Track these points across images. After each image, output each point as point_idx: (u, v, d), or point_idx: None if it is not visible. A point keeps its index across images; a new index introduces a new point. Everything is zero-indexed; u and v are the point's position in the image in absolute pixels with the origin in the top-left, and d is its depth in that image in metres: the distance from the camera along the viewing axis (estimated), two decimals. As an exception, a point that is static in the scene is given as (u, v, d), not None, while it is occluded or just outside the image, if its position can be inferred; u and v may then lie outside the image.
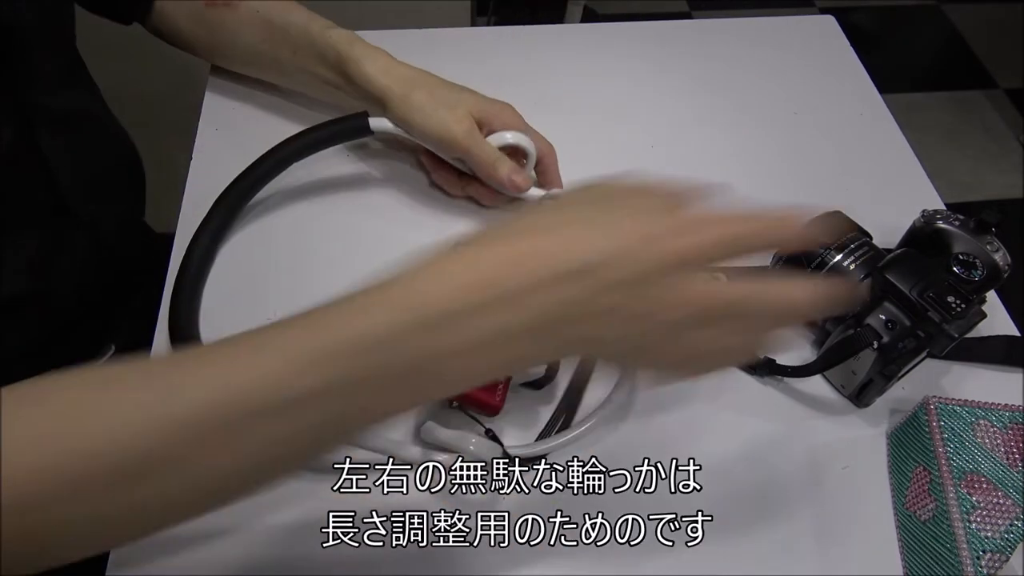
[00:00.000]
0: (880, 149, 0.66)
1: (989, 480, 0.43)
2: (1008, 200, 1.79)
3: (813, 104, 0.69)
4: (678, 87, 0.70)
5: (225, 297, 0.53)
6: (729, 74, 0.71)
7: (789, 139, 0.66)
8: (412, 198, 0.60)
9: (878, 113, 0.69)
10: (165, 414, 0.28)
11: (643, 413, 0.49)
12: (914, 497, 0.45)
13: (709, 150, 0.65)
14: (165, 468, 0.28)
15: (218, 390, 0.29)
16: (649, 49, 0.73)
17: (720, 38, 0.75)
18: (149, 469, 0.28)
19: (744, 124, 0.67)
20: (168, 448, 0.28)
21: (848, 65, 0.73)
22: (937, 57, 2.19)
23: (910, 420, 0.48)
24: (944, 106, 2.01)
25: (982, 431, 0.45)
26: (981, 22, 2.22)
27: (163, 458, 0.28)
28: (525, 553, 0.44)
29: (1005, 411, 0.46)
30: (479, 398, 0.46)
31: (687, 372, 0.37)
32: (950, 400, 0.46)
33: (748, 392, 0.51)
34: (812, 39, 0.76)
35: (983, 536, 0.41)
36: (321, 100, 0.64)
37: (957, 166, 1.87)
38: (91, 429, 0.28)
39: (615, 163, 0.63)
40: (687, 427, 0.49)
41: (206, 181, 0.59)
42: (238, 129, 0.63)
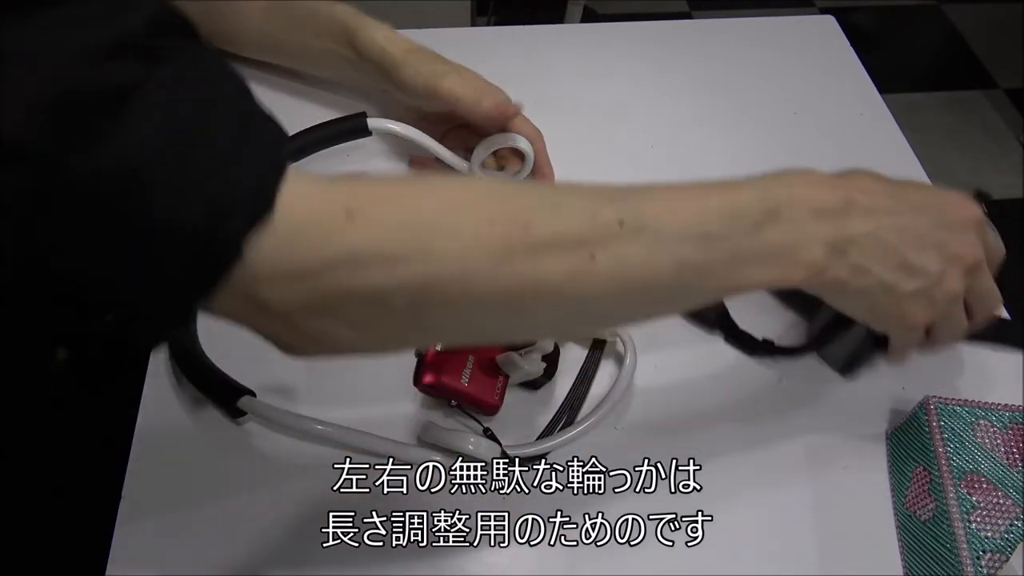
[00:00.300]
0: (880, 149, 0.66)
1: (989, 480, 0.43)
2: (1008, 200, 1.79)
3: (813, 104, 0.69)
4: (678, 87, 0.70)
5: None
6: (729, 74, 0.71)
7: (789, 139, 0.66)
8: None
9: (878, 113, 0.69)
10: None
11: (643, 413, 0.49)
12: (914, 497, 0.45)
13: (709, 150, 0.65)
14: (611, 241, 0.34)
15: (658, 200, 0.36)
16: (649, 49, 0.73)
17: (720, 38, 0.75)
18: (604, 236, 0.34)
19: (744, 124, 0.67)
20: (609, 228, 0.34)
21: (848, 65, 0.73)
22: (937, 57, 2.19)
23: (910, 420, 0.48)
24: (944, 106, 2.01)
25: (982, 431, 0.45)
26: (981, 22, 2.22)
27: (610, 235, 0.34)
28: (525, 553, 0.44)
29: (1005, 411, 0.46)
30: (478, 398, 0.46)
31: (916, 338, 0.44)
32: (950, 400, 0.46)
33: (748, 392, 0.51)
34: (812, 39, 0.76)
35: (983, 536, 0.41)
36: (321, 90, 0.64)
37: (957, 166, 1.87)
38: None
39: (615, 163, 0.63)
40: (687, 427, 0.49)
41: (206, 181, 0.58)
42: (238, 129, 0.63)
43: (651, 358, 0.52)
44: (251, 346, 0.51)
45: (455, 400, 0.47)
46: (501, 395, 0.47)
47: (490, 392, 0.47)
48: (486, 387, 0.47)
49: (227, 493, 0.45)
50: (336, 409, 0.48)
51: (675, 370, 0.52)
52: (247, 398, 0.45)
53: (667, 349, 0.52)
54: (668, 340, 0.53)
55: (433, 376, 0.45)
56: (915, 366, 0.53)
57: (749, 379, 0.52)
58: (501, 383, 0.47)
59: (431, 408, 0.48)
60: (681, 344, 0.53)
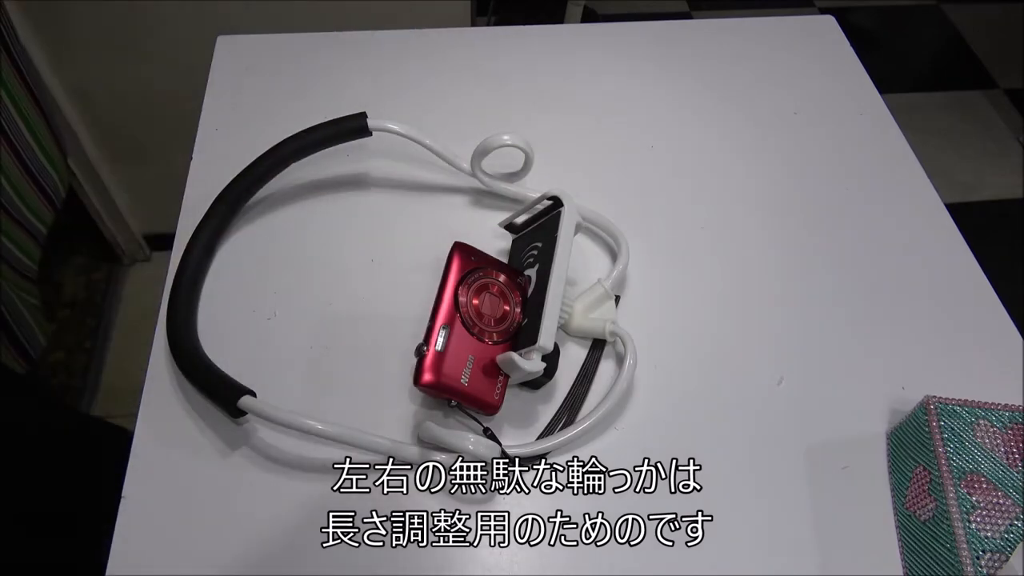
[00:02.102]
0: (880, 149, 0.67)
1: (989, 480, 0.43)
2: (1008, 200, 1.79)
3: (813, 104, 0.69)
4: (678, 87, 0.70)
5: (224, 296, 0.53)
6: (729, 74, 0.71)
7: (789, 139, 0.66)
8: (411, 198, 0.60)
9: (878, 113, 0.69)
10: None
11: (643, 413, 0.49)
12: (914, 497, 0.45)
13: (709, 150, 0.65)
14: None
15: None
16: (649, 49, 0.73)
17: (720, 38, 0.75)
18: None
19: (744, 124, 0.67)
20: None
21: (848, 65, 0.73)
22: (937, 57, 2.19)
23: (910, 420, 0.48)
24: (944, 106, 2.01)
25: (982, 431, 0.45)
26: (981, 22, 2.22)
27: None
28: (525, 553, 0.44)
29: (1005, 411, 0.46)
30: (478, 397, 0.46)
31: None
32: (950, 400, 0.46)
33: (748, 392, 0.51)
34: (812, 39, 0.76)
35: (983, 536, 0.41)
36: (322, 90, 0.64)
37: (957, 166, 1.87)
38: None
39: (615, 163, 0.63)
40: (687, 427, 0.49)
41: (206, 181, 0.59)
42: (238, 129, 0.63)
43: (651, 358, 0.52)
44: (251, 346, 0.51)
45: (455, 400, 0.47)
46: (501, 395, 0.47)
47: (490, 392, 0.47)
48: (486, 387, 0.47)
49: (227, 493, 0.45)
50: (336, 409, 0.48)
51: (675, 370, 0.52)
52: (247, 398, 0.45)
53: (667, 348, 0.52)
54: (668, 339, 0.53)
55: (433, 376, 0.45)
56: (915, 366, 0.53)
57: (749, 379, 0.52)
58: (501, 383, 0.47)
59: (431, 408, 0.48)
60: (681, 343, 0.53)
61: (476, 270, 0.50)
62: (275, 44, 0.69)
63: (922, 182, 0.64)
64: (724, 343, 0.53)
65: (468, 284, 0.49)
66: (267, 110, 0.64)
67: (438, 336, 0.46)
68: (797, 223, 0.60)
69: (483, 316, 0.49)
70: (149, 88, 1.18)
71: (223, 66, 0.67)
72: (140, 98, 1.21)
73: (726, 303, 0.55)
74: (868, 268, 0.58)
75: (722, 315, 0.55)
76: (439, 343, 0.46)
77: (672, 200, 0.61)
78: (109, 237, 1.45)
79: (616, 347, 0.52)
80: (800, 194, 0.62)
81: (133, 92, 1.19)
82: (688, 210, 0.60)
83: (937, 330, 0.55)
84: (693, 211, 0.60)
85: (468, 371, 0.46)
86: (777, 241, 0.59)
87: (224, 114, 0.64)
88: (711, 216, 0.60)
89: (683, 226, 0.59)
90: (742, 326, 0.54)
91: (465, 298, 0.48)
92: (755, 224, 0.60)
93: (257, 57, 0.68)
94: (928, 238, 0.60)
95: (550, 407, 0.49)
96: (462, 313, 0.48)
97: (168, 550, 0.43)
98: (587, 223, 0.56)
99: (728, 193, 0.62)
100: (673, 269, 0.57)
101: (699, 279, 0.56)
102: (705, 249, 0.58)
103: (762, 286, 0.56)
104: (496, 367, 0.47)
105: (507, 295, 0.50)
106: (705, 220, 0.60)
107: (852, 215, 0.61)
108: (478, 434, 0.45)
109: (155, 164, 1.30)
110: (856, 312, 0.56)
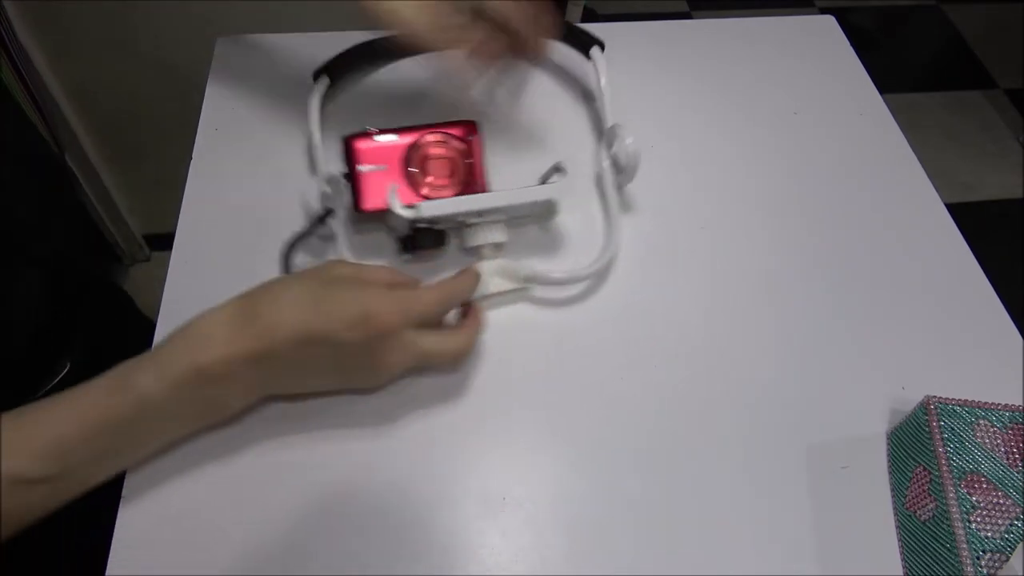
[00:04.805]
0: (880, 149, 0.67)
1: (989, 480, 0.43)
2: (1008, 200, 1.79)
3: (813, 104, 0.69)
4: (678, 87, 0.70)
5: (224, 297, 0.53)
6: (729, 74, 0.71)
7: (789, 139, 0.66)
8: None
9: (878, 113, 0.69)
10: None
11: (643, 412, 0.49)
12: (914, 497, 0.45)
13: (709, 150, 0.65)
14: None
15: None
16: (649, 49, 0.73)
17: (720, 38, 0.75)
18: None
19: (744, 124, 0.67)
20: None
21: (848, 65, 0.73)
22: (937, 57, 2.19)
23: (910, 420, 0.48)
24: (944, 106, 2.01)
25: (982, 431, 0.45)
26: (981, 22, 2.22)
27: None
28: (525, 553, 0.44)
29: (1005, 411, 0.46)
30: (362, 189, 0.53)
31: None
32: (950, 400, 0.46)
33: (747, 392, 0.51)
34: (812, 39, 0.76)
35: (983, 536, 0.41)
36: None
37: (957, 166, 1.87)
38: None
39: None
40: (687, 427, 0.49)
41: (206, 181, 0.59)
42: (238, 129, 0.63)
43: (651, 357, 0.52)
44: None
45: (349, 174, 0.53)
46: (375, 205, 0.52)
47: (374, 198, 0.53)
48: (374, 193, 0.53)
49: (227, 493, 0.45)
50: (336, 404, 0.48)
51: (675, 369, 0.52)
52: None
53: (667, 348, 0.52)
54: (668, 339, 0.53)
55: (359, 157, 0.52)
56: (915, 366, 0.53)
57: (749, 378, 0.52)
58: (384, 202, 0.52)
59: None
60: (680, 343, 0.53)
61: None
62: (275, 45, 0.69)
63: (922, 182, 0.64)
64: (724, 343, 0.53)
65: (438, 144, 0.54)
66: (267, 110, 0.64)
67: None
68: (797, 223, 0.60)
69: (429, 161, 0.54)
70: (149, 88, 1.18)
71: (223, 67, 0.67)
72: (140, 98, 1.21)
73: (726, 303, 0.55)
74: (868, 268, 0.58)
75: (722, 315, 0.55)
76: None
77: (672, 200, 0.61)
78: (109, 237, 1.45)
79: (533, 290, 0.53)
80: (800, 194, 0.62)
81: (133, 92, 1.19)
82: (688, 210, 0.60)
83: (937, 330, 0.55)
84: (693, 211, 0.60)
85: (381, 180, 0.53)
86: (777, 241, 0.59)
87: (224, 114, 0.64)
88: (711, 216, 0.60)
89: (683, 226, 0.59)
90: (741, 326, 0.54)
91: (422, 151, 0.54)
92: (755, 224, 0.60)
93: (257, 58, 0.68)
94: (928, 238, 0.60)
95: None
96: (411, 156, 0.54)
97: (168, 550, 0.43)
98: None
99: (728, 193, 0.62)
100: (673, 269, 0.57)
101: (699, 279, 0.56)
102: (705, 249, 0.58)
103: (762, 286, 0.56)
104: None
105: (459, 164, 0.55)
106: (705, 220, 0.60)
107: (852, 215, 0.61)
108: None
109: (155, 164, 1.30)
110: (856, 312, 0.56)
